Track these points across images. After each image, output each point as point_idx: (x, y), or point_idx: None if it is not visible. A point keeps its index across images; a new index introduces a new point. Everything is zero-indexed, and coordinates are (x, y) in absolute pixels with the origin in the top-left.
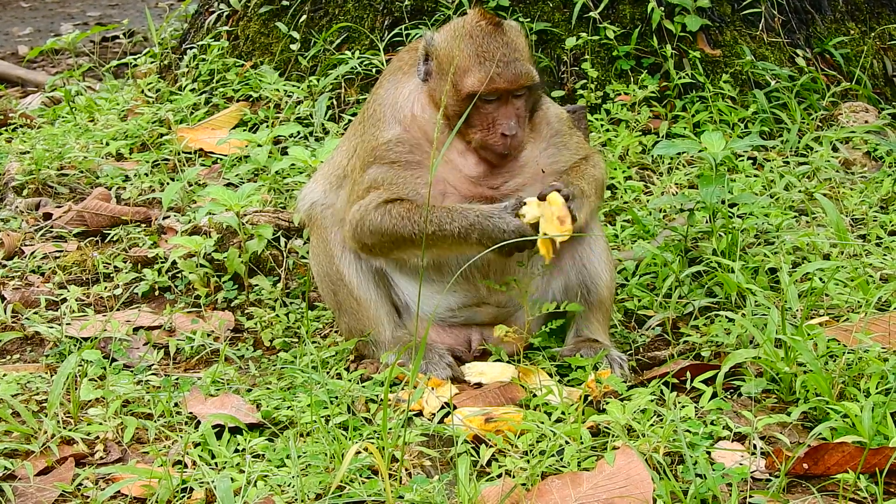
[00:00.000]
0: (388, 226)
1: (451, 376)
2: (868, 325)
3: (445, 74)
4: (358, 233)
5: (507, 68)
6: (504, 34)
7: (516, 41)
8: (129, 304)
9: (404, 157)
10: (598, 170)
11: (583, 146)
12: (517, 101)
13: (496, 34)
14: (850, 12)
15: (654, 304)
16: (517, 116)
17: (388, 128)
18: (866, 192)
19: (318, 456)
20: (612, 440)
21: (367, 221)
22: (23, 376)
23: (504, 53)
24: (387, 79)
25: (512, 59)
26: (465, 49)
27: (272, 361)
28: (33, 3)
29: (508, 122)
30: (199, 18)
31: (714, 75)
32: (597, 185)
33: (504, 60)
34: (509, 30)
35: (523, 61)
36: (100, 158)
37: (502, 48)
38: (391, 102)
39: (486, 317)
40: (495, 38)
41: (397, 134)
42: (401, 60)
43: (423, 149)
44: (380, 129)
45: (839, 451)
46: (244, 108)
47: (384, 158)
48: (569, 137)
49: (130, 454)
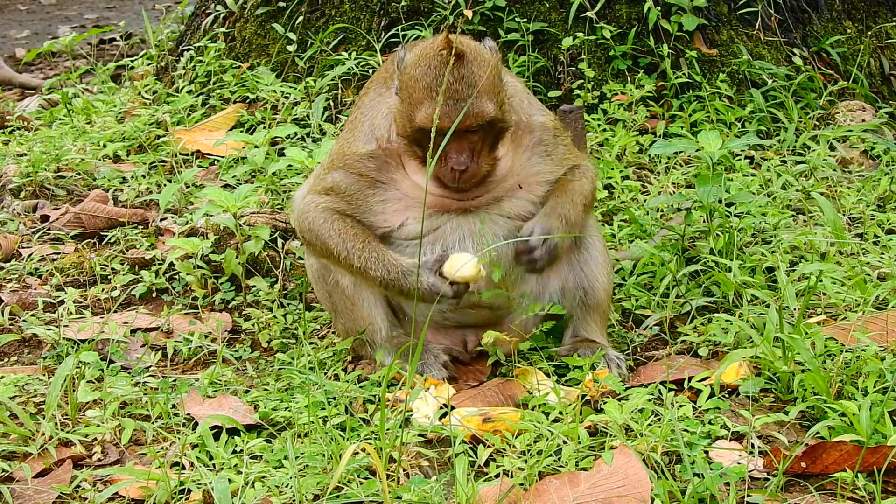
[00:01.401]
0: (325, 235)
1: (448, 376)
2: (866, 323)
3: (404, 100)
4: (300, 221)
5: (455, 106)
6: (463, 66)
7: (476, 74)
8: (126, 306)
9: (372, 174)
10: (585, 180)
11: (569, 156)
12: (471, 136)
13: (455, 67)
14: (847, 11)
15: (652, 303)
16: (470, 150)
17: (365, 142)
18: (863, 191)
19: (316, 457)
20: (610, 440)
21: (309, 216)
22: (20, 378)
23: (457, 90)
24: (373, 87)
25: (464, 97)
26: (421, 79)
27: (269, 362)
28: (30, 6)
29: (459, 157)
30: (195, 20)
31: (711, 74)
32: (585, 198)
33: (455, 98)
34: (472, 61)
35: (480, 98)
36: (97, 160)
37: (457, 83)
38: (371, 116)
39: (480, 318)
40: (452, 72)
41: (371, 150)
42: (386, 72)
43: (391, 171)
44: (356, 139)
45: (837, 450)
46: (241, 109)
47: (353, 168)
48: (553, 147)
49: (128, 456)
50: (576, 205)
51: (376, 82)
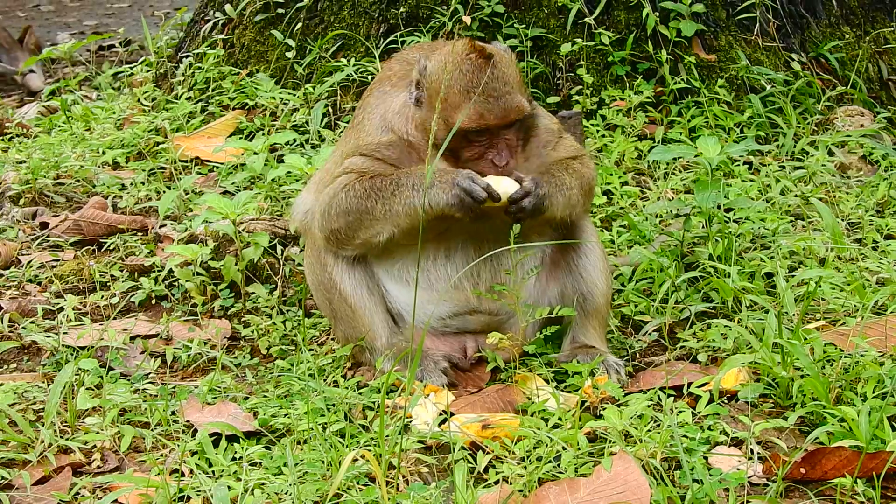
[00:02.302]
0: (354, 202)
1: (448, 383)
2: (865, 329)
3: (435, 106)
4: (326, 218)
5: (497, 104)
6: (495, 67)
7: (507, 73)
8: (125, 313)
9: (392, 161)
10: (585, 168)
11: (571, 148)
12: (508, 132)
13: (486, 67)
14: (845, 16)
15: (651, 309)
16: (508, 147)
17: (380, 133)
18: (862, 197)
19: (316, 463)
20: (609, 446)
21: (334, 203)
22: (20, 385)
23: (494, 88)
24: (375, 88)
25: (503, 94)
26: (455, 83)
27: (269, 369)
28: (29, 12)
29: (500, 154)
30: (194, 27)
31: (709, 80)
32: (582, 180)
33: (494, 96)
34: (500, 61)
35: (514, 94)
36: (96, 167)
37: (493, 82)
38: (381, 113)
39: (479, 325)
40: (486, 72)
41: (390, 139)
42: (389, 70)
43: (413, 162)
44: (369, 133)
45: (836, 456)
46: (240, 116)
47: (371, 153)
48: (557, 143)
49: (128, 463)
50: (572, 177)
51: (378, 83)
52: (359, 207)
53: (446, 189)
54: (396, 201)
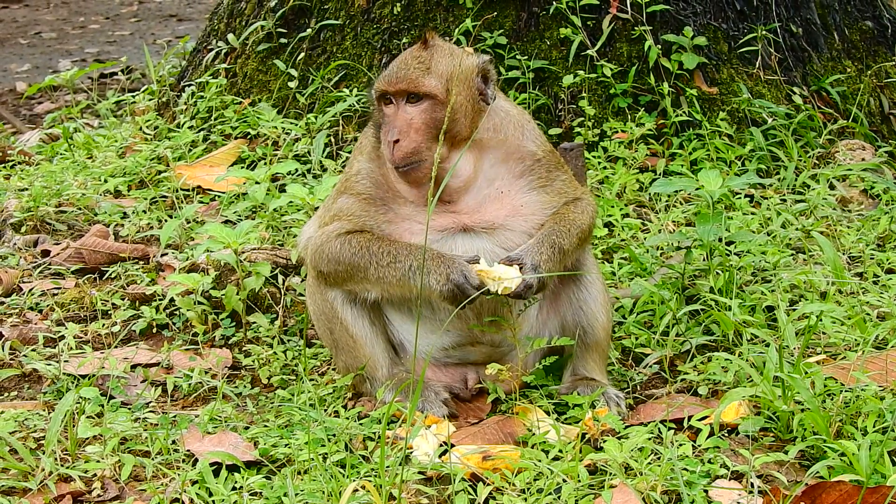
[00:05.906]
0: (347, 256)
1: (448, 413)
2: (865, 363)
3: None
4: (316, 258)
5: (395, 72)
6: (424, 50)
7: (433, 59)
8: (126, 342)
9: (369, 191)
10: (583, 215)
11: (569, 188)
12: (410, 109)
13: (417, 48)
14: (847, 50)
15: (652, 341)
16: (408, 124)
17: (358, 162)
18: (863, 230)
19: (316, 494)
20: (610, 478)
21: (326, 249)
22: (20, 413)
23: (406, 62)
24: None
25: (409, 67)
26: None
27: (270, 399)
28: (31, 39)
29: (393, 128)
30: (197, 56)
31: (711, 113)
32: (581, 231)
33: (402, 68)
34: (434, 47)
35: (420, 71)
36: (98, 195)
37: (410, 59)
38: (364, 144)
39: (480, 356)
40: (412, 52)
41: (365, 168)
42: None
43: (386, 187)
44: (350, 166)
45: (836, 490)
46: (242, 145)
47: (352, 190)
48: (548, 180)
49: (128, 492)
50: (570, 235)
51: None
52: (351, 262)
53: (441, 281)
54: (391, 273)
